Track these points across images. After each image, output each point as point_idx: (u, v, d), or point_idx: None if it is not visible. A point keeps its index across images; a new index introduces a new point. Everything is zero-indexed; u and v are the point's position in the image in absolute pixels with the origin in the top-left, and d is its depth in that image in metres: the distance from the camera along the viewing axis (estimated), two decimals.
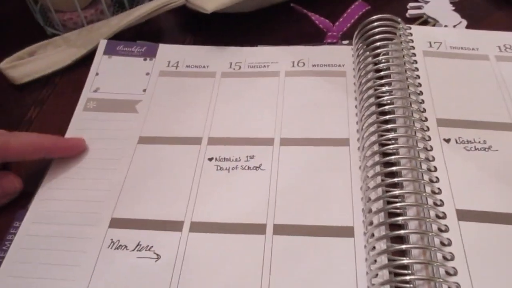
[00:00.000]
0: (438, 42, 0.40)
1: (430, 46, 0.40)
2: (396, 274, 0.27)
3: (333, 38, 0.44)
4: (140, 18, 0.45)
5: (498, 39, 0.40)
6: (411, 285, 0.27)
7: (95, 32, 0.45)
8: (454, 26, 0.46)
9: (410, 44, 0.40)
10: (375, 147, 0.32)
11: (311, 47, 0.43)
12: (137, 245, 0.31)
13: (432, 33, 0.41)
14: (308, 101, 0.38)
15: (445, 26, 0.46)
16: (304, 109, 0.37)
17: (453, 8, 0.49)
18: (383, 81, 0.36)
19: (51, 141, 0.35)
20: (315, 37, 0.45)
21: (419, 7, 0.49)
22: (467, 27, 0.46)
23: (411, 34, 0.41)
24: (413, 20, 0.48)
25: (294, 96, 0.38)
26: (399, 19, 0.41)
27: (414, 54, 0.39)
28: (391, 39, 0.39)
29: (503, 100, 0.35)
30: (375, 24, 0.40)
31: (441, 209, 0.29)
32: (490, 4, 0.49)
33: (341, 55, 0.41)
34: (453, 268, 0.27)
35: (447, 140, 0.33)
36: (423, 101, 0.35)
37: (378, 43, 0.39)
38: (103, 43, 0.44)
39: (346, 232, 0.30)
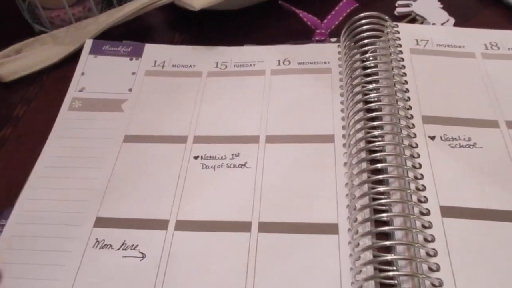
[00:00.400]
0: (425, 40, 0.40)
1: (417, 43, 0.40)
2: (381, 271, 0.27)
3: (321, 35, 0.44)
4: (128, 15, 0.45)
5: (484, 37, 0.40)
6: (395, 281, 0.27)
7: (83, 30, 0.45)
8: (442, 24, 0.46)
9: (397, 42, 0.40)
10: (361, 144, 0.32)
11: (296, 46, 0.43)
12: (122, 244, 0.31)
13: (419, 31, 0.41)
14: (293, 98, 0.38)
15: (433, 24, 0.46)
16: (289, 107, 0.37)
17: (441, 6, 0.49)
18: (369, 78, 0.36)
19: None
20: (303, 34, 0.45)
21: (407, 5, 0.49)
22: (455, 25, 0.46)
23: (398, 32, 0.41)
24: (401, 18, 0.48)
25: (279, 94, 0.38)
26: (387, 17, 0.41)
27: (401, 52, 0.39)
28: (378, 37, 0.39)
29: (488, 98, 0.36)
30: (363, 21, 0.40)
31: (425, 205, 0.29)
32: (478, 3, 0.49)
33: (327, 52, 0.41)
34: (436, 264, 0.27)
35: (432, 137, 0.33)
36: (409, 99, 0.35)
37: (365, 41, 0.39)
38: (89, 43, 0.44)
39: (331, 229, 0.30)
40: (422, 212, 0.29)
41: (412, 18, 0.48)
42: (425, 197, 0.30)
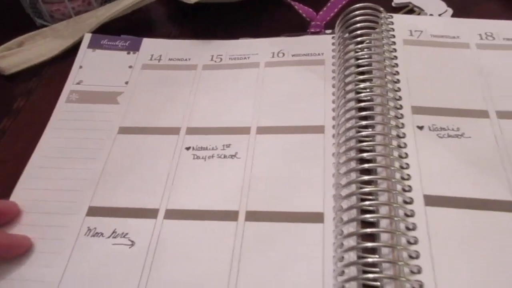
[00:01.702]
0: (419, 31, 0.40)
1: (411, 34, 0.40)
2: (363, 258, 0.27)
3: (317, 27, 0.44)
4: (126, 8, 0.46)
5: (480, 27, 0.40)
6: (377, 269, 0.27)
7: (82, 23, 0.46)
8: (440, 15, 0.46)
9: (391, 32, 0.40)
10: (349, 134, 0.33)
11: (291, 38, 0.43)
12: (113, 232, 0.31)
13: (414, 22, 0.41)
14: (285, 90, 0.38)
15: (430, 15, 0.46)
16: (281, 98, 0.38)
17: None
18: (360, 69, 0.36)
19: None
20: (299, 27, 0.45)
21: None
22: (453, 16, 0.46)
23: (392, 23, 0.41)
24: (399, 9, 0.48)
25: (272, 86, 0.39)
26: (381, 8, 0.41)
27: (394, 43, 0.39)
28: (372, 28, 0.39)
29: (479, 88, 0.36)
30: (357, 12, 0.40)
31: (409, 194, 0.29)
32: None
33: (321, 44, 0.41)
34: (416, 251, 0.27)
35: (421, 127, 0.33)
36: (399, 89, 0.35)
37: (358, 32, 0.39)
38: (87, 37, 0.44)
39: (316, 218, 0.30)
40: (406, 201, 0.29)
41: (409, 9, 0.48)
42: (409, 186, 0.30)
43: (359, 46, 0.38)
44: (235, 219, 0.31)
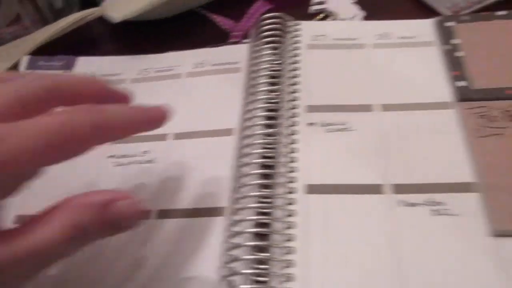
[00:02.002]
0: (322, 35, 0.44)
1: (315, 39, 0.44)
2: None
3: (236, 37, 0.48)
4: (63, 29, 0.49)
5: (377, 28, 0.44)
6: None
7: (20, 47, 0.49)
8: (352, 18, 0.50)
9: (297, 38, 0.44)
10: (246, 133, 0.36)
11: (212, 48, 0.47)
12: None
13: (318, 27, 0.44)
14: (203, 97, 0.42)
15: (343, 19, 0.50)
16: (198, 105, 0.41)
17: (354, 1, 0.52)
18: (262, 73, 0.40)
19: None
20: (220, 38, 0.49)
21: (321, 3, 0.52)
22: (366, 18, 0.50)
23: (299, 30, 0.45)
24: (315, 15, 0.52)
25: (191, 94, 0.42)
26: (289, 17, 0.45)
27: (298, 48, 0.43)
28: (278, 36, 0.43)
29: (368, 84, 0.39)
30: (267, 21, 0.44)
31: (293, 185, 0.33)
32: None
33: (237, 53, 0.45)
34: (292, 234, 0.31)
35: (311, 124, 0.37)
36: (296, 91, 0.39)
37: (266, 39, 0.42)
38: (25, 59, 0.48)
39: (218, 212, 0.34)
40: (290, 192, 0.33)
41: (324, 15, 0.51)
42: (294, 177, 0.33)
43: (264, 53, 0.41)
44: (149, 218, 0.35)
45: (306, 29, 0.44)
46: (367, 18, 0.50)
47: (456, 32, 0.42)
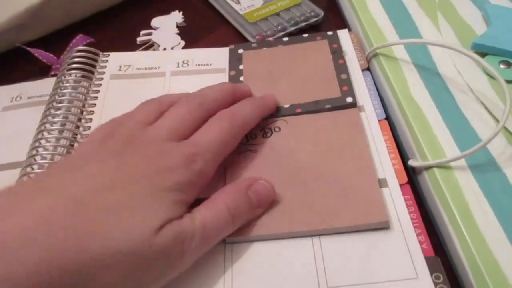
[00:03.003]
0: (127, 66, 0.47)
1: (120, 69, 0.46)
2: None
3: (57, 70, 0.50)
4: None
5: (178, 57, 0.47)
6: None
7: None
8: (172, 48, 0.53)
9: (102, 70, 0.46)
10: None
11: (28, 82, 0.48)
12: None
13: (125, 58, 0.47)
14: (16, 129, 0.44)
15: (164, 48, 0.53)
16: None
17: (178, 31, 0.56)
18: (60, 105, 0.42)
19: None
20: (43, 72, 0.51)
21: (149, 34, 0.56)
22: (185, 47, 0.53)
23: (107, 61, 0.47)
24: (140, 46, 0.55)
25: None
26: (97, 51, 0.47)
27: (102, 79, 0.45)
28: (83, 69, 0.45)
29: None
30: (74, 54, 0.46)
31: None
32: (210, 24, 0.56)
33: (50, 85, 0.47)
34: None
35: None
36: (91, 120, 0.41)
37: (71, 72, 0.45)
38: None
39: None
40: None
41: (149, 45, 0.55)
42: None
43: (66, 84, 0.44)
44: None
45: (114, 61, 0.47)
46: (187, 46, 0.53)
47: (243, 59, 0.46)
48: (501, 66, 0.42)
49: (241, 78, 0.43)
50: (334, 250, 0.31)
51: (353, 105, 0.39)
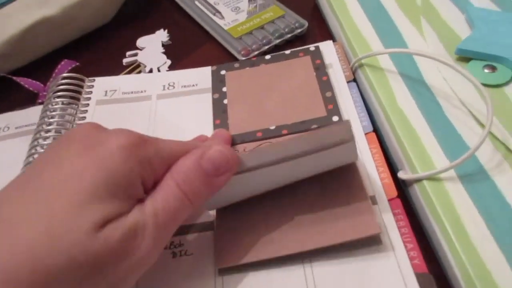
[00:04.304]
0: (113, 90, 0.47)
1: (105, 95, 0.46)
2: None
3: (44, 97, 0.50)
4: None
5: (164, 79, 0.47)
6: None
7: None
8: (159, 67, 0.53)
9: (88, 95, 0.46)
10: None
11: (16, 112, 0.48)
12: None
13: (111, 83, 0.47)
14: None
15: (151, 69, 0.53)
16: None
17: (163, 50, 0.56)
18: (47, 134, 0.42)
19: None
20: (30, 100, 0.51)
21: (135, 54, 0.56)
22: (170, 66, 0.53)
23: (93, 86, 0.47)
24: (127, 67, 0.55)
25: None
26: (83, 77, 0.47)
27: (88, 105, 0.45)
28: (70, 96, 0.45)
29: (152, 134, 0.42)
30: (61, 81, 0.46)
31: None
32: (195, 41, 0.56)
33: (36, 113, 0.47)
34: None
35: None
36: None
37: (57, 99, 0.45)
38: None
39: None
40: None
41: (135, 66, 0.55)
42: None
43: (54, 113, 0.43)
44: None
45: (100, 86, 0.47)
46: (173, 65, 0.53)
47: (226, 80, 0.45)
48: (486, 70, 0.42)
49: (225, 101, 0.43)
50: (326, 277, 0.31)
51: None
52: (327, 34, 0.55)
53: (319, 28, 0.56)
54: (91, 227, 0.24)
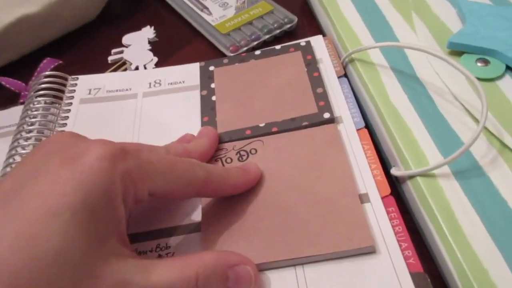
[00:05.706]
0: (97, 89, 0.45)
1: (89, 93, 0.45)
2: None
3: (25, 97, 0.49)
4: None
5: (150, 76, 0.46)
6: None
7: None
8: (145, 65, 0.52)
9: (71, 94, 0.45)
10: None
11: (3, 111, 0.47)
12: None
13: (95, 81, 0.46)
14: None
15: (137, 66, 0.51)
16: None
17: (150, 48, 0.54)
18: (29, 134, 0.40)
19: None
20: (13, 99, 0.49)
21: (120, 52, 0.54)
22: (157, 63, 0.52)
23: (76, 85, 0.46)
24: (112, 64, 0.53)
25: None
26: (65, 75, 0.46)
27: (71, 104, 0.44)
28: (52, 95, 0.44)
29: (137, 134, 0.40)
30: (43, 80, 0.45)
31: None
32: (182, 38, 0.55)
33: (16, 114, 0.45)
34: None
35: None
36: None
37: (39, 98, 0.43)
38: None
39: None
40: None
41: (121, 64, 0.53)
42: None
43: (31, 113, 0.42)
44: None
45: (83, 84, 0.46)
46: (160, 62, 0.52)
47: (214, 77, 0.44)
48: (478, 64, 0.41)
49: (213, 98, 0.42)
50: (318, 280, 0.30)
51: (331, 120, 0.38)
52: (316, 29, 0.54)
53: (309, 24, 0.55)
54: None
